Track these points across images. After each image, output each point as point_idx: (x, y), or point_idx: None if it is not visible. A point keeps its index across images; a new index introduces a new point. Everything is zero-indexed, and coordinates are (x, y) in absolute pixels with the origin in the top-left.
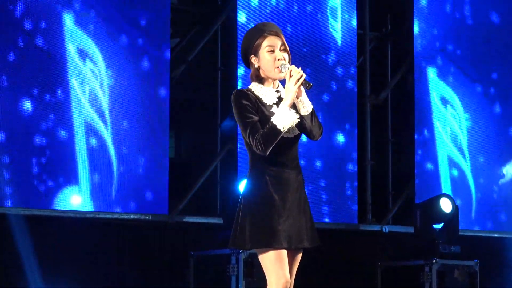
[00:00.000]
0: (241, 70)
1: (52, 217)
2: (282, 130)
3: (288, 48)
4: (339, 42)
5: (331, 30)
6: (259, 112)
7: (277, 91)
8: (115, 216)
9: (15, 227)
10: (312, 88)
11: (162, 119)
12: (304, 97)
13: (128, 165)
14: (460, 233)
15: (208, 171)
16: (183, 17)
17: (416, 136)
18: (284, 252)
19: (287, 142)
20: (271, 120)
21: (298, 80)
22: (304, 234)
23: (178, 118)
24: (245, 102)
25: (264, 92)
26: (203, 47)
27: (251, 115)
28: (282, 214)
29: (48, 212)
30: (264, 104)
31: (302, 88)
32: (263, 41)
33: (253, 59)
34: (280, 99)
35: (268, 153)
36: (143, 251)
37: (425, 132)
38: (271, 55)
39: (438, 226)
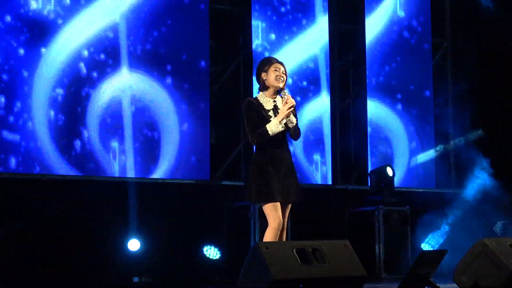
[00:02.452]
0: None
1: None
2: (270, 135)
3: (286, 74)
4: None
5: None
6: (260, 114)
7: (274, 101)
8: (174, 180)
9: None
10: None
11: (204, 113)
12: (291, 116)
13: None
14: (397, 189)
15: (236, 151)
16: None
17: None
18: (278, 203)
19: (279, 133)
20: (266, 126)
21: (290, 108)
22: (292, 192)
23: (218, 113)
24: (251, 111)
25: (265, 101)
26: (228, 78)
27: (252, 120)
28: (276, 178)
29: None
30: (264, 109)
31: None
32: (272, 65)
33: (263, 74)
34: (275, 106)
35: (258, 144)
36: (193, 203)
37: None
38: (275, 72)
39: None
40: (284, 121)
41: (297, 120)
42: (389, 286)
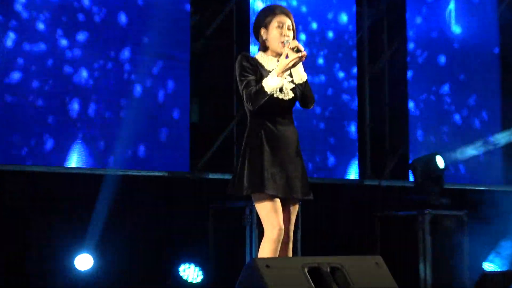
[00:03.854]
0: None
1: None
2: (268, 92)
3: (295, 29)
4: (341, 20)
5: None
6: (259, 75)
7: (278, 60)
8: (142, 173)
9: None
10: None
11: (182, 80)
12: (300, 67)
13: (159, 127)
14: (449, 186)
15: (225, 132)
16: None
17: (409, 101)
18: (277, 200)
19: (283, 103)
20: (261, 82)
21: (296, 59)
22: (297, 186)
23: (201, 87)
24: (245, 63)
25: (266, 60)
26: (217, 27)
27: (247, 74)
28: (274, 166)
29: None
30: (264, 69)
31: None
32: (273, 18)
33: (262, 31)
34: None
35: (255, 108)
36: (168, 203)
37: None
38: (278, 30)
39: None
40: (285, 78)
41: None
42: None
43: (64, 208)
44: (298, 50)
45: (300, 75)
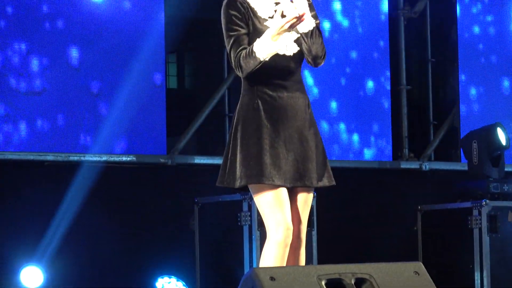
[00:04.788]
0: None
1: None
2: (260, 59)
3: None
4: None
5: None
6: (250, 24)
7: (276, 3)
8: (104, 158)
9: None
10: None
11: (157, 41)
12: (305, 9)
13: (119, 97)
14: (510, 169)
15: (214, 101)
16: None
17: (460, 55)
18: (282, 191)
19: (285, 60)
20: (252, 45)
21: (291, 20)
22: (309, 170)
23: (179, 40)
24: (232, 12)
25: (260, 3)
26: None
27: (236, 27)
28: (276, 145)
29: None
30: (257, 17)
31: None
32: None
33: None
34: (282, 15)
35: (245, 75)
36: (139, 197)
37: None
38: None
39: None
40: (280, 39)
41: (319, 27)
42: None
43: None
44: None
45: (305, 20)
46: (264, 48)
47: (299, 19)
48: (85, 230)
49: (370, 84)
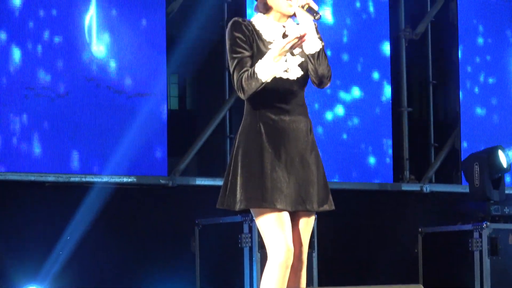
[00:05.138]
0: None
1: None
2: (262, 80)
3: None
4: None
5: None
6: (255, 47)
7: (283, 26)
8: (105, 179)
9: None
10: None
11: (159, 63)
12: (311, 32)
13: (121, 118)
14: (510, 191)
15: (215, 122)
16: None
17: (461, 76)
18: (284, 214)
19: (288, 84)
20: (254, 67)
21: (293, 41)
22: (311, 194)
23: (180, 63)
24: (237, 34)
25: (266, 26)
26: None
27: (240, 49)
28: (278, 169)
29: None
30: (262, 39)
31: (310, 20)
32: None
33: None
34: (283, 35)
35: (248, 97)
36: (140, 218)
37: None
38: None
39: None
40: (282, 60)
41: (323, 49)
42: None
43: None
44: (310, 10)
45: (311, 40)
46: (266, 70)
47: (301, 39)
48: (86, 250)
49: (371, 105)
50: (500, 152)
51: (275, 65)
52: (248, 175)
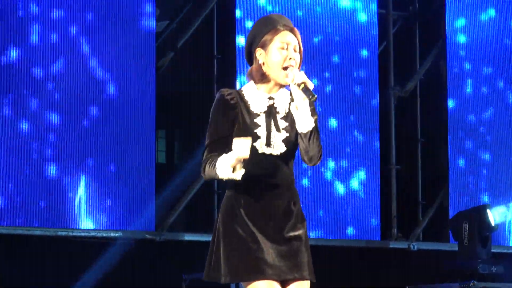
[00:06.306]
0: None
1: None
2: (220, 178)
3: (302, 49)
4: (357, 24)
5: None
6: (240, 121)
7: (270, 98)
8: (92, 233)
9: None
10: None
11: (148, 117)
12: (305, 111)
13: (108, 173)
14: (502, 250)
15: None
16: None
17: (450, 135)
18: (273, 284)
19: (272, 159)
20: (217, 160)
21: (241, 156)
22: (298, 263)
23: (168, 116)
24: (218, 115)
25: (255, 97)
26: (196, 30)
27: (218, 131)
28: (260, 242)
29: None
30: (250, 112)
31: (305, 99)
32: (275, 35)
33: (258, 52)
34: (271, 108)
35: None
36: (126, 273)
37: (461, 130)
38: (282, 52)
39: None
40: (238, 172)
41: (316, 123)
42: None
43: None
44: (306, 90)
45: (305, 119)
46: (224, 171)
47: (244, 154)
48: None
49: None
50: (488, 211)
51: (232, 173)
52: (230, 249)
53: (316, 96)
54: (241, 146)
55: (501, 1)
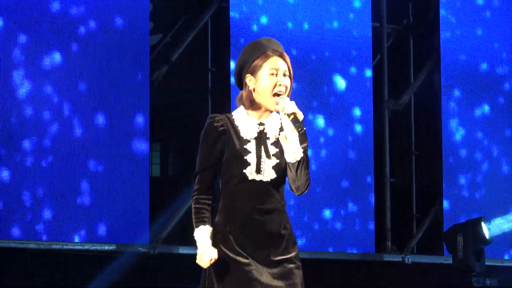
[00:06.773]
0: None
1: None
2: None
3: (292, 74)
4: (351, 37)
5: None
6: (229, 145)
7: (261, 124)
8: (86, 247)
9: None
10: (322, 90)
11: (142, 130)
12: (294, 141)
13: (102, 185)
14: (496, 263)
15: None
16: (166, 9)
17: (443, 148)
18: None
19: (262, 185)
20: (197, 223)
21: (206, 262)
22: (293, 284)
23: (162, 129)
24: (210, 137)
25: (245, 124)
26: (190, 43)
27: (206, 159)
28: (251, 268)
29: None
30: (240, 137)
31: (294, 129)
32: (265, 61)
33: (248, 78)
34: (261, 134)
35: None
36: (121, 286)
37: (455, 143)
38: (272, 78)
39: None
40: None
41: (306, 150)
42: None
43: None
44: (295, 121)
45: (293, 149)
46: (199, 236)
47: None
48: None
49: (354, 176)
50: (483, 224)
51: (205, 247)
52: (223, 272)
53: (305, 128)
54: None
55: (492, 18)
